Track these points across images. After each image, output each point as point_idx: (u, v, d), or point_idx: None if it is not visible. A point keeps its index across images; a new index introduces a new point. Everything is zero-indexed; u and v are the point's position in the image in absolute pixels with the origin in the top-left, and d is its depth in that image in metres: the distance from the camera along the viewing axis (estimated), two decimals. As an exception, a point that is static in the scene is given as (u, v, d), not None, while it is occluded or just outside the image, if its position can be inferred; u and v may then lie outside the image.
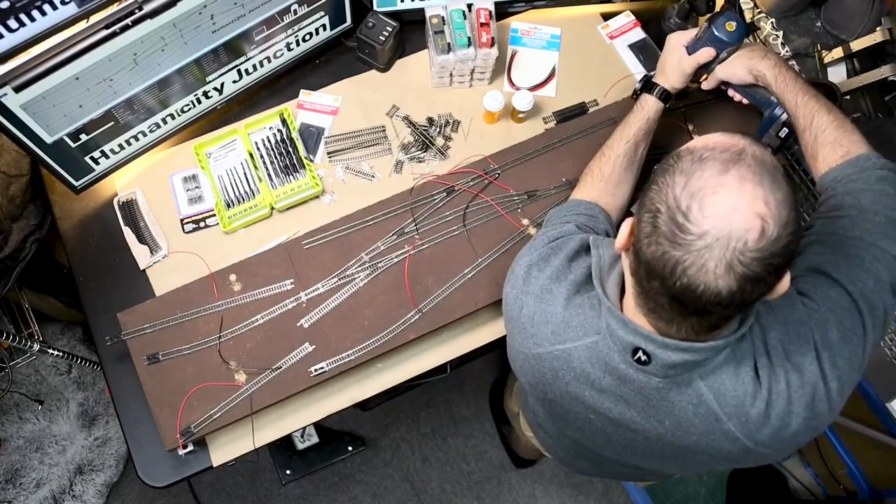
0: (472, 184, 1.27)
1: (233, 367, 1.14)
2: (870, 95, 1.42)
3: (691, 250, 0.65)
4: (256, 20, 1.20)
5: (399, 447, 2.18)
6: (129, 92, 1.14)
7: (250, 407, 1.13)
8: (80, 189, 1.26)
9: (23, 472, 1.94)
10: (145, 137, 1.28)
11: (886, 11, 1.35)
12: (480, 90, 1.41)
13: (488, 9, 1.35)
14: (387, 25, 1.37)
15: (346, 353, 1.16)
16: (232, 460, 1.19)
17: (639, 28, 1.51)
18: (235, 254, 1.23)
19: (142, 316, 1.16)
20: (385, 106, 1.41)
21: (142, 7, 1.02)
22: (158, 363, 1.14)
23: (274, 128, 1.35)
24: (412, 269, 1.21)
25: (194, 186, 1.32)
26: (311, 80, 1.43)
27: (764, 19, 1.50)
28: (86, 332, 2.02)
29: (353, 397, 1.23)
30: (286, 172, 1.32)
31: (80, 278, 1.27)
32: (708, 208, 0.65)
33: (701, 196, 0.66)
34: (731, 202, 0.65)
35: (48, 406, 1.99)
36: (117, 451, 2.03)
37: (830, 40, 1.47)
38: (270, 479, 2.10)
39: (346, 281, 1.20)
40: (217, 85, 1.29)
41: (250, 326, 1.16)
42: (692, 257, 0.66)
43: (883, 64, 1.37)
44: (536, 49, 1.48)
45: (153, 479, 1.18)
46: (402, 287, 1.20)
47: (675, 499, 2.16)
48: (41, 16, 1.01)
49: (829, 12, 1.46)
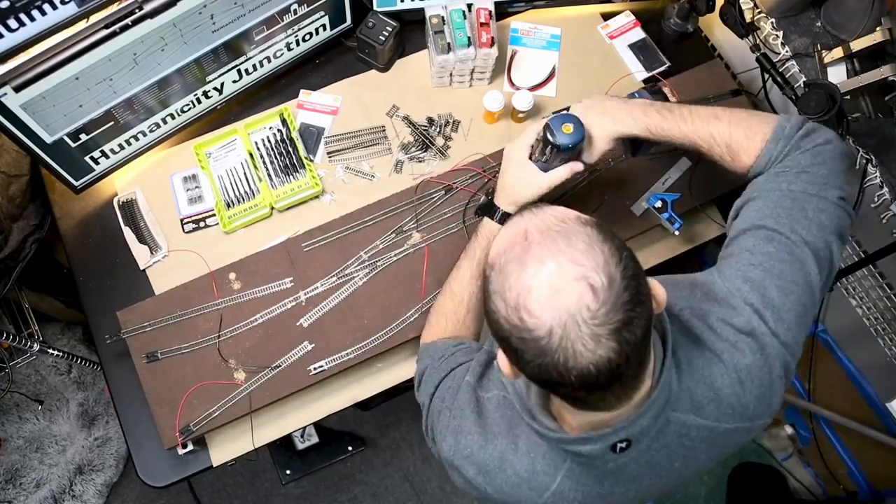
0: (472, 182, 1.28)
1: (232, 366, 1.14)
2: (870, 95, 1.42)
3: (555, 349, 0.63)
4: (256, 20, 1.20)
5: (399, 447, 2.17)
6: (129, 92, 1.15)
7: (249, 405, 1.13)
8: (80, 189, 1.26)
9: (23, 472, 1.94)
10: (145, 137, 1.28)
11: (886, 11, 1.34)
12: (480, 90, 1.41)
13: (488, 9, 1.35)
14: (387, 25, 1.37)
15: (345, 351, 1.16)
16: (232, 460, 1.19)
17: (639, 28, 1.51)
18: (235, 254, 1.24)
19: (141, 314, 1.16)
20: (385, 106, 1.41)
21: (142, 7, 1.02)
22: (157, 361, 1.14)
23: (274, 128, 1.35)
24: (411, 266, 1.21)
25: (194, 186, 1.32)
26: (311, 80, 1.43)
27: (764, 19, 1.50)
28: (86, 332, 2.02)
29: (353, 397, 1.23)
30: (286, 172, 1.32)
31: (80, 278, 1.27)
32: (535, 309, 0.63)
33: (522, 302, 0.64)
34: (547, 289, 0.63)
35: (48, 406, 1.99)
36: (117, 451, 2.03)
37: (830, 40, 1.47)
38: (270, 479, 2.10)
39: (346, 280, 1.20)
40: (217, 85, 1.29)
41: (250, 325, 1.17)
42: (561, 353, 0.63)
43: (883, 64, 1.37)
44: (536, 49, 1.48)
45: (153, 478, 1.18)
46: (402, 286, 1.20)
47: (676, 499, 2.16)
48: (41, 16, 1.01)
49: (829, 12, 1.46)
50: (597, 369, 0.63)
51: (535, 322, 0.63)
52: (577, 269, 0.63)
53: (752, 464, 2.17)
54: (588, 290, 0.62)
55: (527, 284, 0.65)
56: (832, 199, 0.88)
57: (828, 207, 0.87)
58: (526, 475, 0.82)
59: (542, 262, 0.65)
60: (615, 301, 0.62)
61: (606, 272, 0.63)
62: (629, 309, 0.63)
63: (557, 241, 0.66)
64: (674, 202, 1.21)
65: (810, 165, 0.90)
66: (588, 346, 0.62)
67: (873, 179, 1.42)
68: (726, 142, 0.97)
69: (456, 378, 0.94)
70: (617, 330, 0.62)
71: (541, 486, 0.82)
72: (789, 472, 2.17)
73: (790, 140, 0.93)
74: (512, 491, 0.83)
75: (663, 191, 1.30)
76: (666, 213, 1.20)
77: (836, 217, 0.88)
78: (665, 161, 1.32)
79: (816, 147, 0.92)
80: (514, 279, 0.66)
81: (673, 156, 1.32)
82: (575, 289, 0.63)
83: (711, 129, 0.98)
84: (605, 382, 0.65)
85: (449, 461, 0.89)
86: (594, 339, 0.62)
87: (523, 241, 0.68)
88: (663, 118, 1.00)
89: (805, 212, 0.87)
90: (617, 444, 0.74)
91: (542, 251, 0.66)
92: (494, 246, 0.72)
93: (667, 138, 1.00)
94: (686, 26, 1.50)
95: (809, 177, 0.89)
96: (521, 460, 0.83)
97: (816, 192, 0.88)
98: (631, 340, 0.63)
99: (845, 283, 1.61)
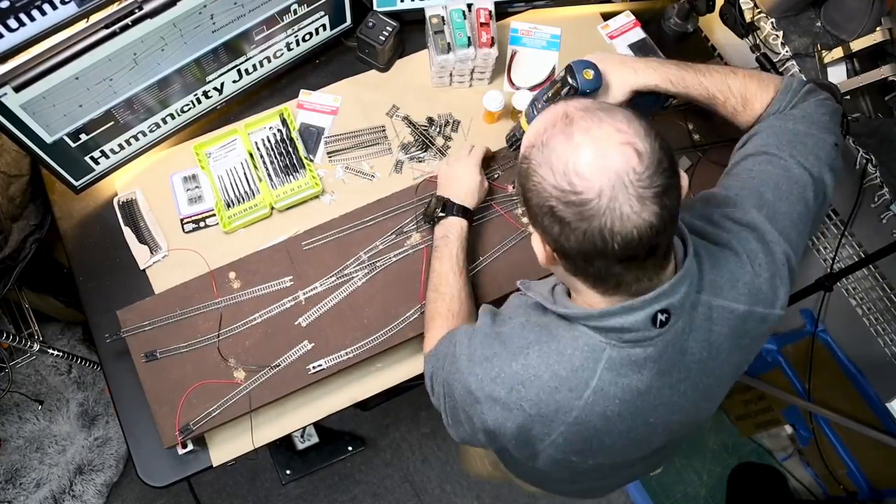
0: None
1: (232, 365, 1.14)
2: (870, 95, 1.42)
3: (602, 211, 0.67)
4: (256, 20, 1.21)
5: (399, 447, 2.18)
6: (129, 92, 1.15)
7: (249, 405, 1.13)
8: (80, 189, 1.27)
9: (23, 472, 1.94)
10: (145, 137, 1.28)
11: (886, 11, 1.34)
12: (480, 90, 1.41)
13: (488, 9, 1.35)
14: (387, 25, 1.37)
15: (344, 351, 1.16)
16: (232, 460, 1.19)
17: (639, 28, 1.51)
18: (235, 253, 1.23)
19: (141, 313, 1.16)
20: (385, 106, 1.41)
21: (142, 7, 1.02)
22: (157, 361, 1.14)
23: (274, 128, 1.35)
24: (410, 267, 1.21)
25: (194, 186, 1.32)
26: (311, 79, 1.43)
27: (764, 19, 1.50)
28: (86, 332, 2.02)
29: (353, 397, 1.23)
30: (286, 172, 1.32)
31: (80, 278, 1.27)
32: (585, 171, 0.67)
33: (572, 167, 0.68)
34: (595, 152, 0.67)
35: (48, 406, 2.00)
36: (117, 451, 2.03)
37: (830, 40, 1.47)
38: (270, 479, 2.10)
39: (346, 280, 1.20)
40: (217, 85, 1.29)
41: (249, 324, 1.17)
42: (608, 216, 0.67)
43: (883, 64, 1.37)
44: (536, 49, 1.48)
45: (153, 478, 1.18)
46: (401, 285, 1.20)
47: (675, 499, 2.16)
48: (41, 15, 1.01)
49: (829, 12, 1.46)
50: (639, 234, 0.67)
51: (586, 184, 0.67)
52: (622, 136, 0.68)
53: (752, 464, 2.17)
54: (634, 154, 0.67)
55: (575, 150, 0.68)
56: (830, 142, 0.96)
57: (825, 146, 0.95)
58: (565, 374, 0.79)
59: (588, 131, 0.69)
60: (657, 166, 0.67)
61: (648, 140, 0.68)
62: (669, 175, 0.68)
63: (599, 114, 0.70)
64: None
65: (813, 113, 0.99)
66: (634, 209, 0.67)
67: (873, 179, 1.42)
68: (742, 93, 1.04)
69: (461, 334, 0.92)
70: (659, 195, 0.67)
71: (580, 383, 0.79)
72: (789, 472, 2.17)
73: (797, 94, 1.01)
74: (550, 398, 0.80)
75: (663, 191, 1.30)
76: None
77: (831, 157, 0.96)
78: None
79: (819, 100, 1.01)
80: (562, 148, 0.69)
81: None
82: (622, 152, 0.67)
83: (729, 82, 1.04)
84: (644, 252, 0.70)
85: (478, 394, 0.84)
86: (640, 201, 0.67)
87: (564, 119, 0.71)
88: (684, 71, 1.05)
89: (805, 144, 0.95)
90: (658, 315, 0.75)
91: (586, 122, 0.70)
92: (532, 130, 0.75)
93: (685, 90, 1.05)
94: (686, 26, 1.50)
95: (811, 121, 0.98)
96: (559, 359, 0.80)
97: (817, 132, 0.96)
98: (670, 206, 0.69)
99: (845, 283, 1.61)
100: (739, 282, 0.83)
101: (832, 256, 1.58)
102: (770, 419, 2.14)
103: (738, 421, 2.21)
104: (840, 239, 1.54)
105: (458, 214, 1.15)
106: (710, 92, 1.05)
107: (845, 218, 1.52)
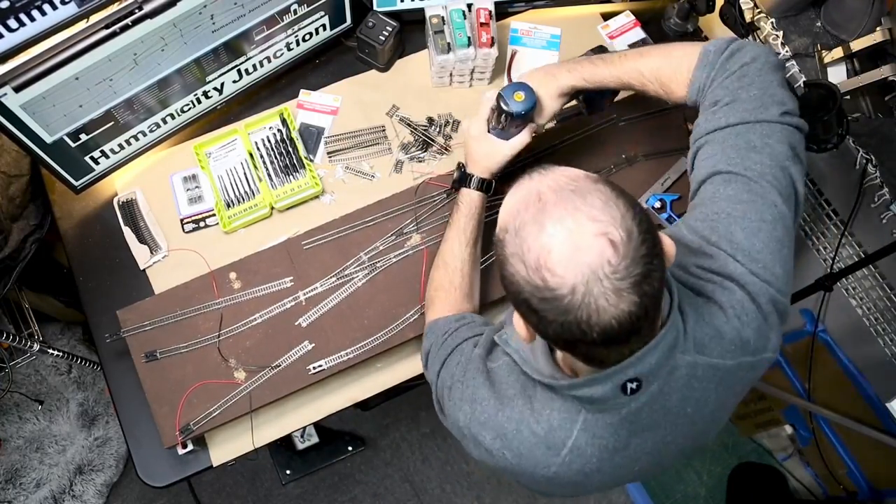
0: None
1: (232, 365, 1.14)
2: (870, 95, 1.42)
3: (578, 306, 0.64)
4: (256, 20, 1.21)
5: (399, 447, 2.18)
6: (129, 92, 1.15)
7: (249, 405, 1.13)
8: (80, 189, 1.27)
9: (23, 472, 1.94)
10: (145, 137, 1.28)
11: (886, 11, 1.35)
12: (480, 90, 1.41)
13: (488, 9, 1.35)
14: (387, 25, 1.37)
15: (344, 351, 1.16)
16: (232, 460, 1.19)
17: (639, 28, 1.51)
18: (235, 254, 1.23)
19: (141, 313, 1.16)
20: (385, 106, 1.41)
21: (142, 7, 1.02)
22: (157, 361, 1.14)
23: (274, 128, 1.35)
24: (410, 268, 1.21)
25: (194, 186, 1.32)
26: (311, 79, 1.43)
27: (764, 19, 1.50)
28: (86, 332, 2.02)
29: (353, 397, 1.23)
30: (286, 172, 1.32)
31: (80, 278, 1.27)
32: (557, 268, 0.64)
33: (544, 262, 0.64)
34: (569, 247, 0.64)
35: (48, 406, 2.00)
36: (117, 451, 2.03)
37: (830, 40, 1.47)
38: (270, 479, 2.10)
39: (346, 280, 1.20)
40: (217, 85, 1.29)
41: (250, 324, 1.17)
42: (584, 310, 0.64)
43: (883, 64, 1.37)
44: (536, 49, 1.48)
45: (153, 478, 1.18)
46: (401, 286, 1.20)
47: (675, 499, 2.16)
48: (41, 16, 1.01)
49: (829, 12, 1.46)
50: (619, 323, 0.64)
51: (558, 281, 0.64)
52: (596, 226, 0.64)
53: (752, 464, 2.17)
54: (608, 246, 0.63)
55: (546, 244, 0.65)
56: (774, 119, 0.88)
57: (773, 130, 0.88)
58: (543, 433, 0.82)
59: (561, 221, 0.65)
60: (634, 255, 0.63)
61: (624, 227, 0.64)
62: (647, 262, 0.64)
63: (573, 199, 0.66)
64: (673, 202, 1.21)
65: (739, 89, 0.90)
66: (611, 301, 0.63)
67: (873, 179, 1.42)
68: (656, 76, 0.99)
69: (464, 353, 0.95)
70: (637, 283, 0.63)
71: (558, 443, 0.81)
72: (789, 472, 2.17)
73: (715, 65, 0.93)
74: (530, 453, 0.83)
75: (662, 191, 1.30)
76: (665, 213, 1.20)
77: (785, 137, 0.88)
78: (664, 161, 1.32)
79: (743, 68, 0.92)
80: (533, 240, 0.66)
81: (672, 156, 1.33)
82: (596, 245, 0.63)
83: (639, 66, 1.00)
84: (625, 336, 0.67)
85: (465, 431, 0.88)
86: (616, 293, 0.63)
87: (537, 202, 0.67)
88: (595, 66, 1.04)
89: (752, 145, 0.87)
90: (627, 384, 0.73)
91: (558, 210, 0.65)
92: (505, 209, 0.72)
93: (601, 83, 1.04)
94: (686, 26, 1.50)
95: (742, 104, 0.90)
96: (538, 418, 0.82)
97: (755, 117, 0.88)
98: (650, 293, 0.65)
99: (845, 283, 1.61)
100: (725, 338, 0.80)
101: (832, 256, 1.58)
102: (770, 419, 2.14)
103: (738, 421, 2.21)
104: (840, 239, 1.54)
105: (474, 186, 1.11)
106: (624, 80, 1.02)
107: (845, 218, 1.52)
